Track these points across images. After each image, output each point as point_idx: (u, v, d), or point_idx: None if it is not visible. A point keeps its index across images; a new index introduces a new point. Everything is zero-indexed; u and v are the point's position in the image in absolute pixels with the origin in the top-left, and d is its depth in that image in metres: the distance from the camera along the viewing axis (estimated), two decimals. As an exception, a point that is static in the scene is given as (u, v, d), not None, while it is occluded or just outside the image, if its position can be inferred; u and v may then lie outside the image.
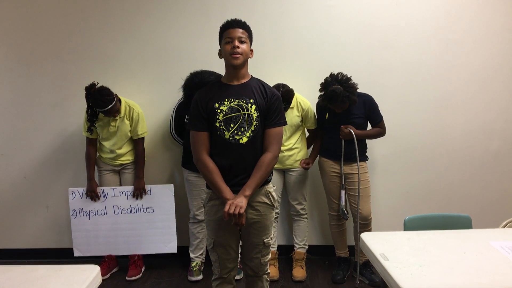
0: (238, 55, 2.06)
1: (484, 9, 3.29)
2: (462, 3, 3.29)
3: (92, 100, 3.01)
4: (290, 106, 3.10)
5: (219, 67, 2.71)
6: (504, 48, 3.34)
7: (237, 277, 3.05)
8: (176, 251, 3.33)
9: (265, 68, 3.23)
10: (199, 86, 2.78)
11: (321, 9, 3.34)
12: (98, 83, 3.06)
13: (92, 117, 3.12)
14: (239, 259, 2.34)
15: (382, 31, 3.34)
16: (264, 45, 3.26)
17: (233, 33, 2.07)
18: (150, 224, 3.29)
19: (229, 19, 2.13)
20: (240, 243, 2.30)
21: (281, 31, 3.37)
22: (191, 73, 2.99)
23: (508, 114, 3.42)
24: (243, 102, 2.10)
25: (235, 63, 2.07)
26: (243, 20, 2.13)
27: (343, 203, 3.10)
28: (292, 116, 3.10)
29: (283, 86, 3.01)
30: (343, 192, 3.11)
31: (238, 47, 2.05)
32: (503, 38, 3.32)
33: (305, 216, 3.33)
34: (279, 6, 3.34)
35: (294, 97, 3.11)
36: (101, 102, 2.98)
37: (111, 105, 3.01)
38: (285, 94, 2.96)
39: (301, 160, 3.21)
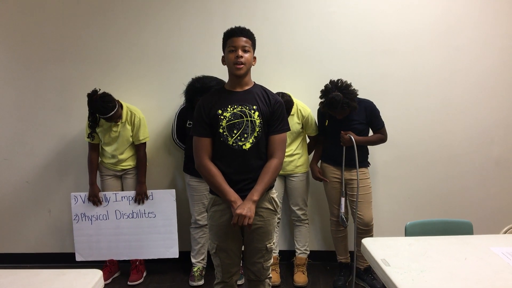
0: (242, 66, 2.08)
1: (486, 16, 3.31)
2: (463, 10, 3.31)
3: (94, 107, 3.01)
4: (291, 113, 3.11)
5: (220, 72, 2.74)
6: (505, 54, 3.35)
7: (238, 282, 3.05)
8: (177, 256, 3.33)
9: (265, 74, 3.23)
10: (201, 92, 2.81)
11: (321, 15, 3.35)
12: (100, 90, 3.07)
13: (93, 123, 3.13)
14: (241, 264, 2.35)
15: (383, 37, 3.35)
16: (264, 51, 3.26)
17: (237, 42, 2.08)
18: (152, 229, 3.30)
19: (233, 27, 2.14)
20: (242, 248, 2.31)
21: (282, 37, 3.39)
22: (192, 79, 3.01)
23: (510, 120, 3.42)
24: (246, 109, 2.12)
25: (239, 73, 2.09)
26: (247, 28, 2.15)
27: (342, 210, 3.10)
28: (293, 123, 3.10)
29: (283, 95, 3.01)
30: (343, 199, 3.11)
31: (241, 56, 2.07)
32: (504, 44, 3.33)
33: (306, 221, 3.34)
34: (279, 12, 3.36)
35: (294, 104, 3.13)
36: (103, 109, 2.99)
37: (113, 112, 3.02)
38: (284, 104, 2.96)
39: (301, 165, 3.22)
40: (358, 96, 2.96)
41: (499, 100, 3.41)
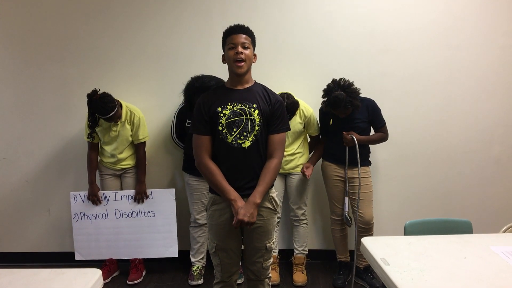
0: (242, 63, 2.08)
1: (485, 15, 3.30)
2: (463, 9, 3.30)
3: (94, 107, 3.01)
4: (294, 113, 3.11)
5: (220, 71, 2.73)
6: (505, 54, 3.35)
7: (238, 281, 3.05)
8: (177, 255, 3.34)
9: (265, 73, 3.20)
10: (200, 91, 2.80)
11: (321, 14, 3.35)
12: (99, 90, 3.06)
13: (93, 123, 3.13)
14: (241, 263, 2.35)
15: (383, 36, 3.35)
16: (264, 50, 3.24)
17: (236, 39, 2.09)
18: (151, 228, 3.29)
19: (232, 25, 2.15)
20: (242, 247, 2.31)
21: (281, 36, 3.38)
22: (191, 78, 3.01)
23: (509, 119, 3.42)
24: (246, 107, 2.11)
25: (240, 71, 2.09)
26: (246, 26, 2.15)
27: (346, 209, 3.10)
28: (295, 123, 3.10)
29: (288, 97, 3.00)
30: (347, 199, 3.11)
31: (241, 53, 2.07)
32: (504, 43, 3.33)
33: (305, 221, 3.33)
34: (279, 11, 3.35)
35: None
36: (102, 110, 2.98)
37: (113, 112, 3.02)
38: (289, 106, 2.96)
39: (302, 164, 3.21)
40: (360, 95, 2.95)
41: (499, 99, 3.40)
